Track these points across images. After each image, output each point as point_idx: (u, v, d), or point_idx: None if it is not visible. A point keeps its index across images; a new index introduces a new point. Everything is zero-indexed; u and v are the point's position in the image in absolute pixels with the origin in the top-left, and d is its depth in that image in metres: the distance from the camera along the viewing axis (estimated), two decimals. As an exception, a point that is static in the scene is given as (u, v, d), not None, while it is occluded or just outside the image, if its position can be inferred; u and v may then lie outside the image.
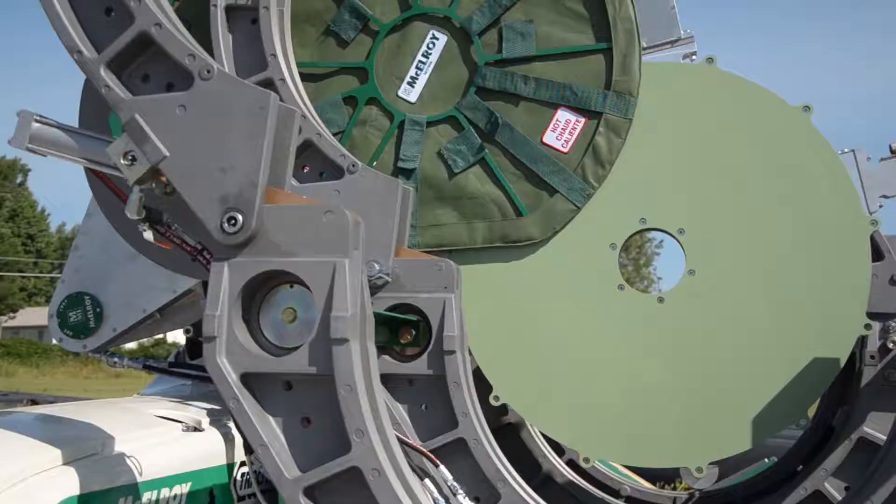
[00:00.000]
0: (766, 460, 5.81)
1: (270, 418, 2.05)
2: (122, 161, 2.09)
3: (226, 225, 2.03)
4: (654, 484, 5.99)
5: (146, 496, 2.51)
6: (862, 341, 3.80)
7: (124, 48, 2.11)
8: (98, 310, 3.98)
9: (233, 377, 2.01)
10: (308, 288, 2.04)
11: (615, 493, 4.68)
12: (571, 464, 4.54)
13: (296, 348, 2.04)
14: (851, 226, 3.15)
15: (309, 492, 1.99)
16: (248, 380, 2.05)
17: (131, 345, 31.74)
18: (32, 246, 43.39)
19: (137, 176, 2.08)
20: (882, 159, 3.45)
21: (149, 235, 2.29)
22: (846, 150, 3.41)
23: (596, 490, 4.27)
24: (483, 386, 3.41)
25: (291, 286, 2.11)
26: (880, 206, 3.53)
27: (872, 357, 3.65)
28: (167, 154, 2.05)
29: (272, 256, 2.05)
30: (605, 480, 4.69)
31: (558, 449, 4.45)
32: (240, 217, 2.02)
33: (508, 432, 4.16)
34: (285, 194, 2.13)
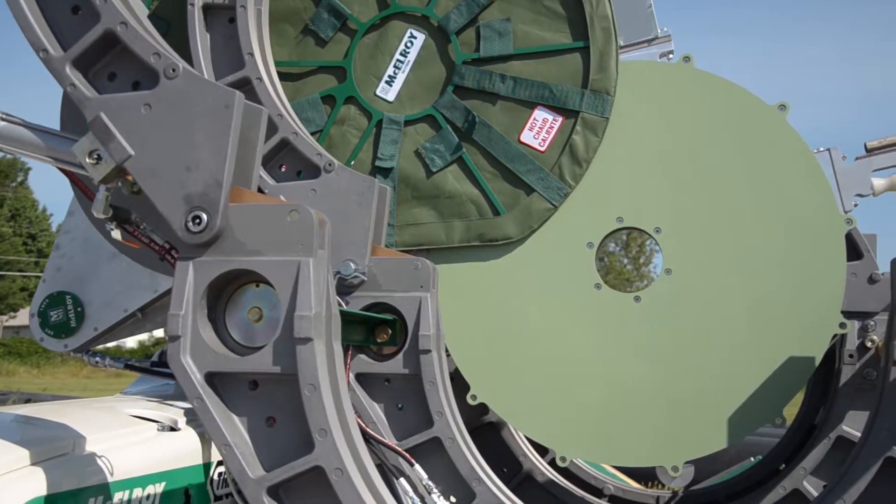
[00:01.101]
0: (752, 459, 5.82)
1: (235, 418, 2.05)
2: (87, 160, 2.08)
3: (190, 224, 2.02)
4: (643, 483, 6.00)
5: (118, 496, 2.51)
6: (841, 340, 3.81)
7: (90, 46, 2.11)
8: (79, 309, 3.97)
9: (197, 376, 2.01)
10: (273, 287, 2.04)
11: (598, 493, 4.68)
12: (555, 463, 4.54)
13: (261, 347, 2.03)
14: (827, 224, 3.15)
15: (273, 491, 1.99)
16: (213, 379, 2.05)
17: (132, 344, 31.68)
18: (33, 245, 43.27)
19: (103, 175, 2.08)
20: (857, 158, 3.45)
21: (117, 234, 2.29)
22: (822, 149, 3.41)
23: (577, 489, 4.27)
24: (462, 385, 3.41)
25: (257, 285, 2.11)
26: (855, 205, 3.54)
27: (851, 356, 3.65)
28: (132, 153, 2.05)
29: (237, 255, 2.04)
30: (589, 479, 4.69)
31: (542, 448, 4.44)
32: (204, 216, 2.02)
33: (489, 431, 4.16)
34: (251, 194, 2.13)
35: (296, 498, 2.00)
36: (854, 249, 3.83)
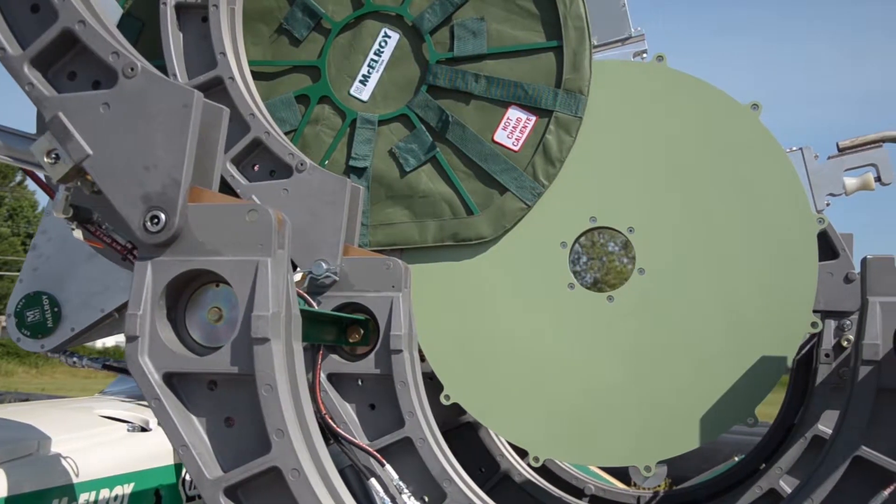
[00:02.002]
0: (736, 458, 5.83)
1: (194, 418, 2.04)
2: (45, 159, 2.07)
3: (148, 224, 2.01)
4: (630, 483, 6.00)
5: (83, 497, 2.50)
6: (818, 339, 3.81)
7: (48, 45, 2.09)
8: (56, 309, 3.95)
9: (155, 377, 2.00)
10: (232, 287, 2.03)
11: (580, 493, 4.68)
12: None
13: (219, 348, 2.03)
14: (799, 224, 3.15)
15: (232, 492, 1.98)
16: (172, 379, 2.04)
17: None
18: (32, 245, 43.18)
19: (61, 174, 2.07)
20: (830, 157, 3.45)
21: (78, 234, 2.28)
22: (794, 148, 3.41)
23: (555, 489, 4.27)
24: (440, 385, 3.40)
25: (217, 285, 2.10)
26: (827, 205, 3.53)
27: (827, 355, 3.66)
28: (90, 152, 2.04)
29: (196, 255, 2.04)
30: (570, 480, 4.69)
31: (520, 449, 4.44)
32: (163, 216, 2.01)
33: (467, 431, 4.15)
34: (211, 193, 2.12)
35: (254, 499, 1.99)
36: (830, 249, 3.84)
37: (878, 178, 3.45)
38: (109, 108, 2.04)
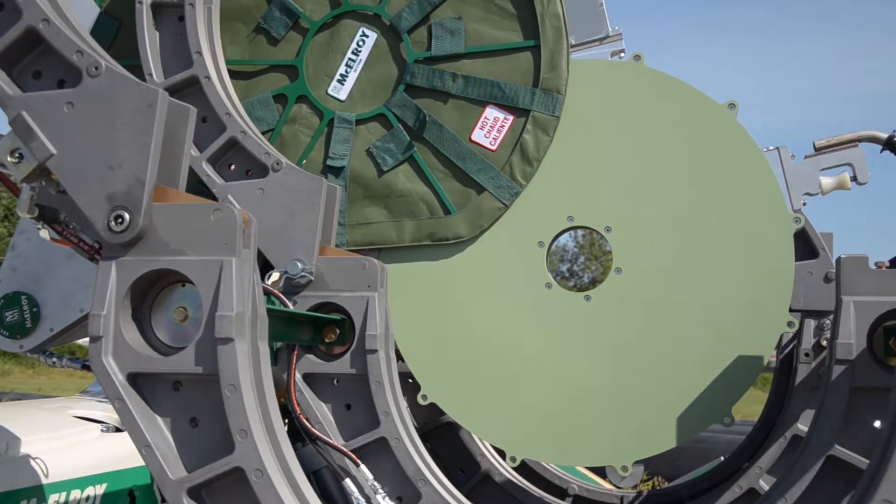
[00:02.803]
0: (723, 458, 5.82)
1: (158, 418, 2.03)
2: (9, 158, 2.05)
3: (113, 223, 2.00)
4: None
5: (53, 498, 2.48)
6: (798, 339, 3.81)
7: (12, 44, 2.08)
8: (35, 309, 3.94)
9: (119, 377, 1.99)
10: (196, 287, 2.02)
11: (563, 492, 4.67)
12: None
13: (185, 348, 2.02)
14: (775, 223, 3.14)
15: (196, 493, 1.97)
16: (136, 380, 2.03)
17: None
18: (24, 246, 43.13)
19: (25, 174, 2.05)
20: (806, 157, 3.45)
21: (45, 234, 2.27)
22: (771, 148, 3.41)
23: (535, 489, 4.26)
24: (419, 385, 3.39)
25: (183, 285, 2.09)
26: (804, 204, 3.53)
27: (807, 355, 3.65)
28: (54, 152, 2.03)
29: (160, 255, 2.03)
30: (553, 479, 4.69)
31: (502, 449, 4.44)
32: (127, 215, 2.00)
33: (448, 431, 4.15)
34: (177, 193, 2.11)
35: (218, 499, 1.98)
36: (810, 248, 3.84)
37: (854, 178, 3.45)
38: (73, 107, 2.03)
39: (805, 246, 3.91)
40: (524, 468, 4.59)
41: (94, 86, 2.03)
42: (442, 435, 4.18)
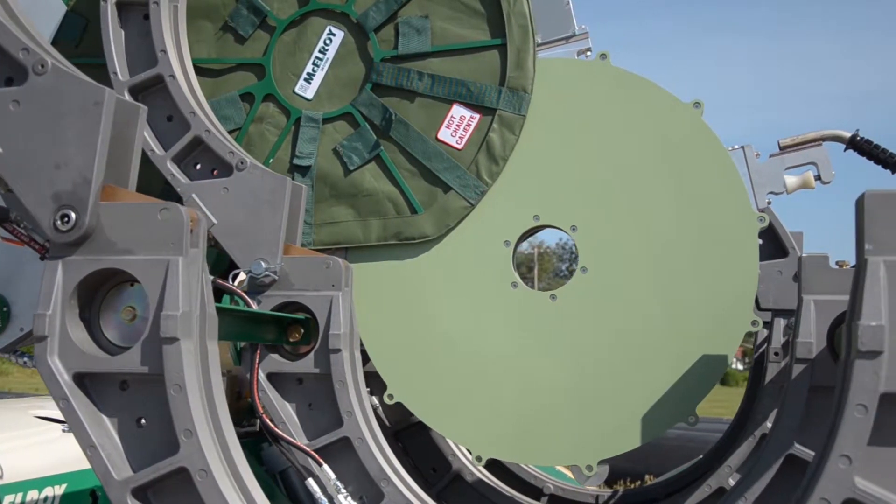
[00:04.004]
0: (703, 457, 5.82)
1: (105, 418, 2.02)
2: (-46, 158, 2.04)
3: (59, 222, 1.99)
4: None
5: (8, 499, 2.47)
6: (768, 338, 3.81)
7: (-43, 43, 2.07)
8: (4, 309, 3.92)
9: (64, 377, 1.98)
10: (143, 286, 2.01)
11: (538, 492, 4.67)
12: (494, 463, 4.52)
13: (131, 347, 2.01)
14: (740, 222, 3.14)
15: (142, 493, 1.96)
16: (83, 380, 2.02)
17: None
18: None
19: (-30, 173, 2.04)
20: (771, 156, 3.45)
21: (-3, 234, 2.26)
22: (736, 147, 3.40)
23: (507, 488, 4.26)
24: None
25: (132, 285, 2.08)
26: (768, 203, 3.53)
27: (777, 353, 3.65)
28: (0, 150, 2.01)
29: (107, 254, 2.01)
30: (529, 479, 4.68)
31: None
32: (73, 215, 1.99)
33: (419, 431, 4.13)
34: (126, 192, 2.10)
35: (164, 500, 1.97)
36: (780, 247, 3.84)
37: (818, 177, 3.45)
38: (19, 105, 2.02)
39: (775, 245, 3.91)
40: (500, 468, 4.59)
41: (40, 84, 2.02)
42: (413, 434, 4.17)
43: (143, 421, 2.02)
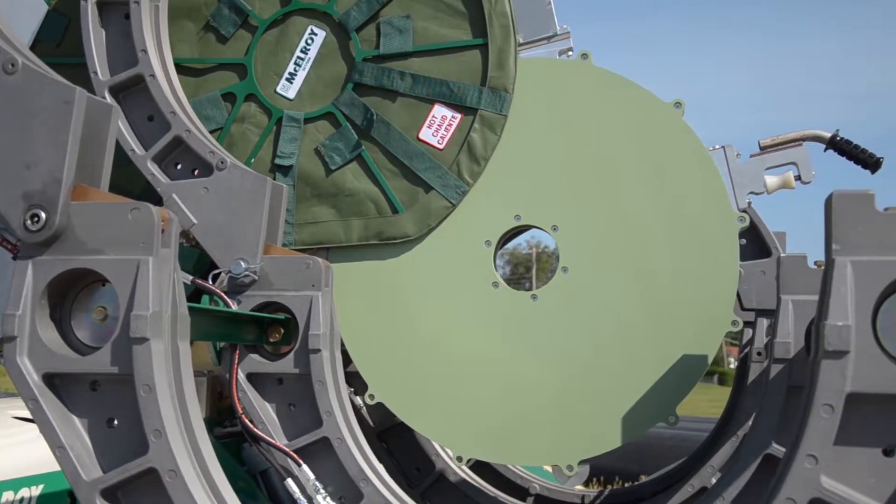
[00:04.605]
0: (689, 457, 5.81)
1: (75, 419, 2.01)
2: (-75, 157, 2.03)
3: (29, 222, 1.99)
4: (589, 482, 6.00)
5: (-18, 499, 2.46)
6: (751, 338, 3.81)
7: (-73, 43, 2.06)
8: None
9: (33, 377, 1.98)
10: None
11: (524, 492, 4.66)
12: (480, 463, 4.52)
13: (101, 348, 2.00)
14: (721, 222, 3.14)
15: (112, 494, 1.96)
16: (53, 380, 2.01)
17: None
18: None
19: (-60, 173, 2.03)
20: (752, 156, 3.45)
21: (-32, 234, 2.24)
22: (717, 147, 3.40)
23: (491, 488, 4.25)
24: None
25: (104, 284, 2.08)
26: (749, 203, 3.53)
27: (759, 354, 3.64)
28: (-31, 150, 2.01)
29: (78, 254, 2.01)
30: (515, 479, 4.68)
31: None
32: (43, 214, 1.99)
33: (402, 431, 4.12)
34: (98, 192, 2.09)
35: (134, 500, 1.97)
36: (763, 247, 3.84)
37: (798, 177, 3.45)
38: (-11, 104, 2.01)
39: (758, 245, 3.91)
40: (486, 467, 4.58)
41: (9, 83, 2.01)
42: (397, 435, 4.16)
43: (114, 422, 2.02)
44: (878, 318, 1.74)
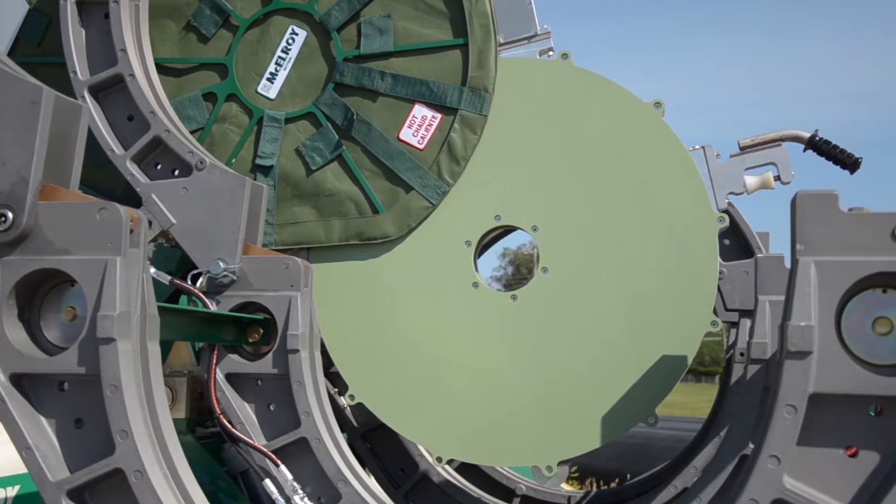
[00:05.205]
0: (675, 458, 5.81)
1: (43, 419, 2.01)
2: None
3: (-5, 222, 1.98)
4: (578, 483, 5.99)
5: (-44, 500, 2.45)
6: (735, 338, 3.81)
7: None
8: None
9: (0, 378, 1.97)
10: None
11: (511, 492, 4.66)
12: (465, 464, 4.51)
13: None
14: (700, 223, 3.13)
15: (78, 495, 1.96)
16: (21, 381, 2.01)
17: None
18: None
19: None
20: (732, 156, 3.44)
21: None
22: (696, 147, 3.40)
23: (474, 489, 4.25)
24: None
25: (73, 285, 2.07)
26: (728, 203, 3.52)
27: (742, 354, 3.64)
28: (-63, 150, 2.00)
29: (46, 255, 2.01)
30: (501, 479, 4.67)
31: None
32: (10, 214, 1.99)
33: (387, 431, 4.11)
34: (67, 192, 2.09)
35: (100, 501, 1.97)
36: (746, 248, 3.83)
37: (777, 177, 3.45)
38: (-43, 104, 2.01)
39: (741, 245, 3.91)
40: (472, 468, 4.57)
41: (-23, 83, 2.01)
42: (381, 435, 4.16)
43: (82, 422, 2.01)
44: (842, 318, 1.74)
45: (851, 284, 1.71)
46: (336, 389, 4.16)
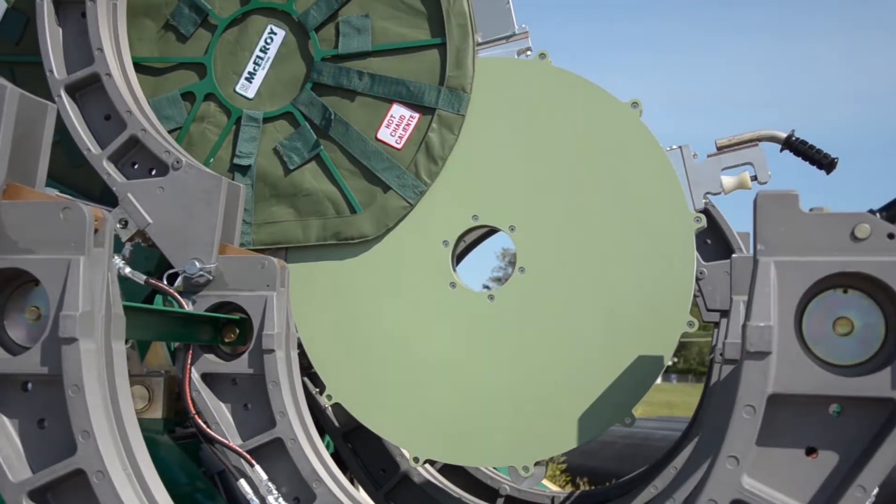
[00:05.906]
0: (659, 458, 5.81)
1: (6, 419, 2.01)
2: None
3: (-42, 222, 1.97)
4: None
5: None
6: (716, 338, 3.81)
7: None
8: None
9: (-38, 378, 1.96)
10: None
11: (494, 493, 4.65)
12: (449, 464, 4.50)
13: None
14: (677, 223, 3.13)
15: (41, 495, 1.95)
16: (-17, 381, 2.00)
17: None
18: None
19: None
20: (709, 156, 3.44)
21: None
22: (674, 147, 3.39)
23: (455, 489, 4.24)
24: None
25: (38, 284, 2.06)
26: (707, 203, 3.51)
27: (722, 354, 3.64)
28: None
29: (9, 254, 2.00)
30: (485, 480, 4.66)
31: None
32: (-27, 214, 1.97)
33: (367, 432, 4.09)
34: (32, 192, 2.08)
35: (63, 502, 1.96)
36: (728, 248, 3.83)
37: (754, 177, 3.44)
38: (-80, 103, 2.00)
39: (722, 245, 3.91)
40: (456, 468, 4.56)
41: (-60, 82, 2.00)
42: (363, 435, 4.14)
43: (44, 422, 2.00)
44: (804, 319, 1.74)
45: (811, 285, 1.70)
46: (317, 390, 4.14)
